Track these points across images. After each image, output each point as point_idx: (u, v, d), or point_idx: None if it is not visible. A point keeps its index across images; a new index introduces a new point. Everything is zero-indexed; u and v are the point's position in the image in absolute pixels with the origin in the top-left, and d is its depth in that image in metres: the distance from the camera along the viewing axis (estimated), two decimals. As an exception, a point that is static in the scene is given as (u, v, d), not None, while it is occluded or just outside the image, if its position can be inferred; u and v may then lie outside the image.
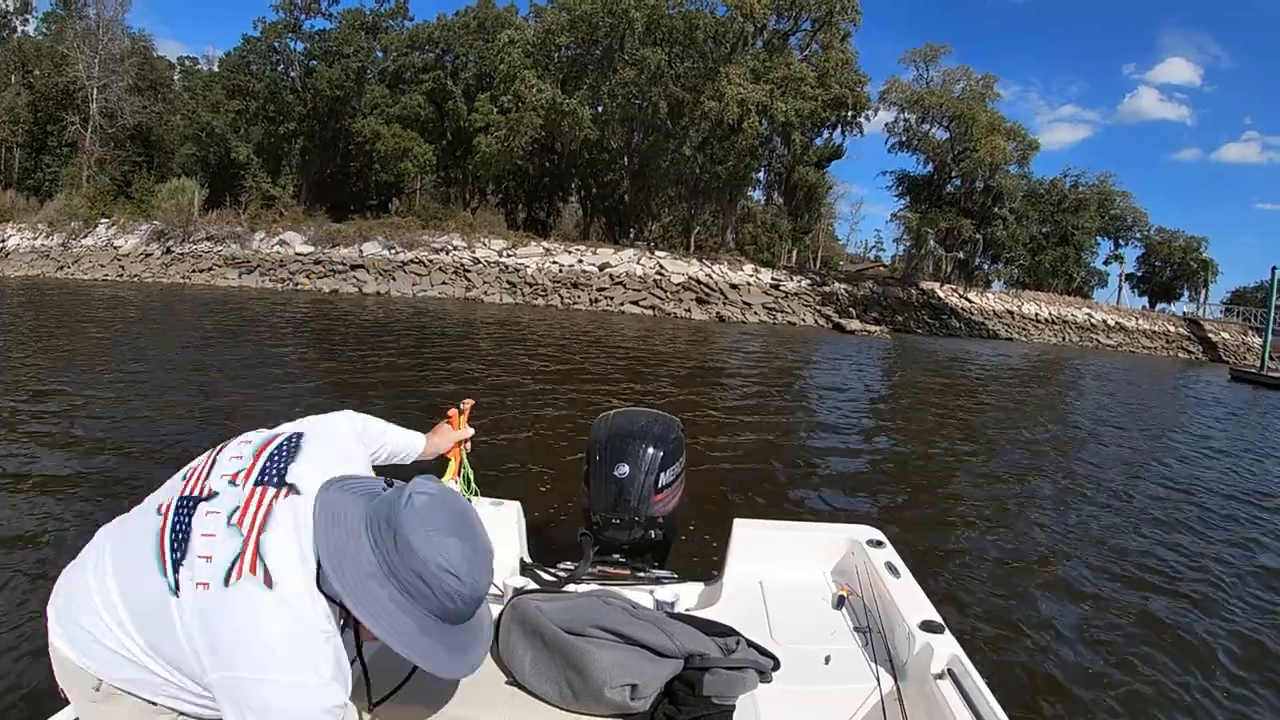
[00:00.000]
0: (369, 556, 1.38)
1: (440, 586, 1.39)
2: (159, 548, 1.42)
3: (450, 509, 1.45)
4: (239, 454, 1.53)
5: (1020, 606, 5.34)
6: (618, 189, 45.82)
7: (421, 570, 1.37)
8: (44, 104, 43.72)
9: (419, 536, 1.37)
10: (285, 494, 1.43)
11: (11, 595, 4.31)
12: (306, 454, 1.52)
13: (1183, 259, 58.51)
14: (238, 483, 1.46)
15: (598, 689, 1.78)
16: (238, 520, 1.39)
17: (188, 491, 1.48)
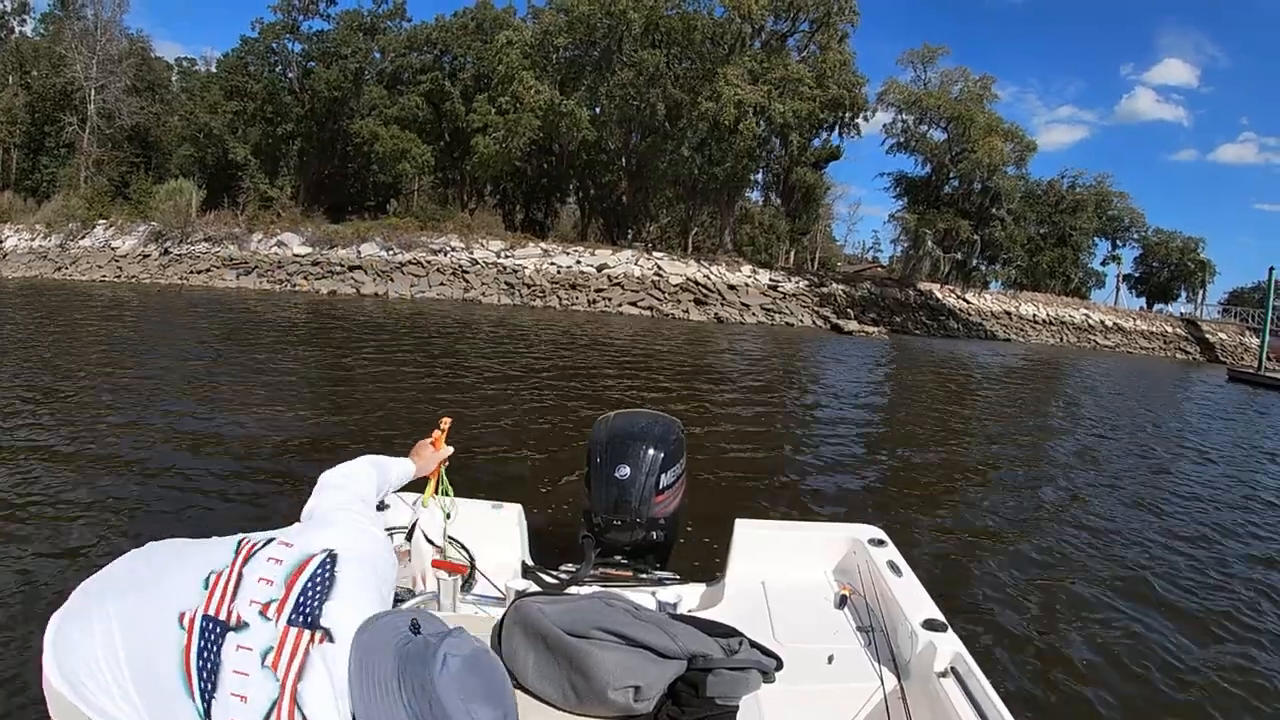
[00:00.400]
0: (403, 717, 1.33)
1: None
2: (184, 670, 1.37)
3: (483, 674, 1.41)
4: (269, 577, 1.45)
5: (1023, 604, 5.35)
6: (616, 190, 45.83)
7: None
8: (41, 105, 43.69)
9: (455, 706, 1.32)
10: (320, 639, 1.38)
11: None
12: (341, 588, 1.46)
13: (1180, 259, 58.56)
14: (269, 616, 1.40)
15: (601, 691, 1.78)
16: (272, 663, 1.35)
17: (213, 611, 1.41)
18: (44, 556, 4.83)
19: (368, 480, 1.98)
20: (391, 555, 1.66)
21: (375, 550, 1.59)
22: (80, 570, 4.57)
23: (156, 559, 1.53)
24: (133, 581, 1.48)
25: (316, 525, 1.63)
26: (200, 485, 6.43)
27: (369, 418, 9.36)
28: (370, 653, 1.37)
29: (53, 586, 4.38)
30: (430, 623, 1.44)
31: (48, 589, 4.36)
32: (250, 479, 6.74)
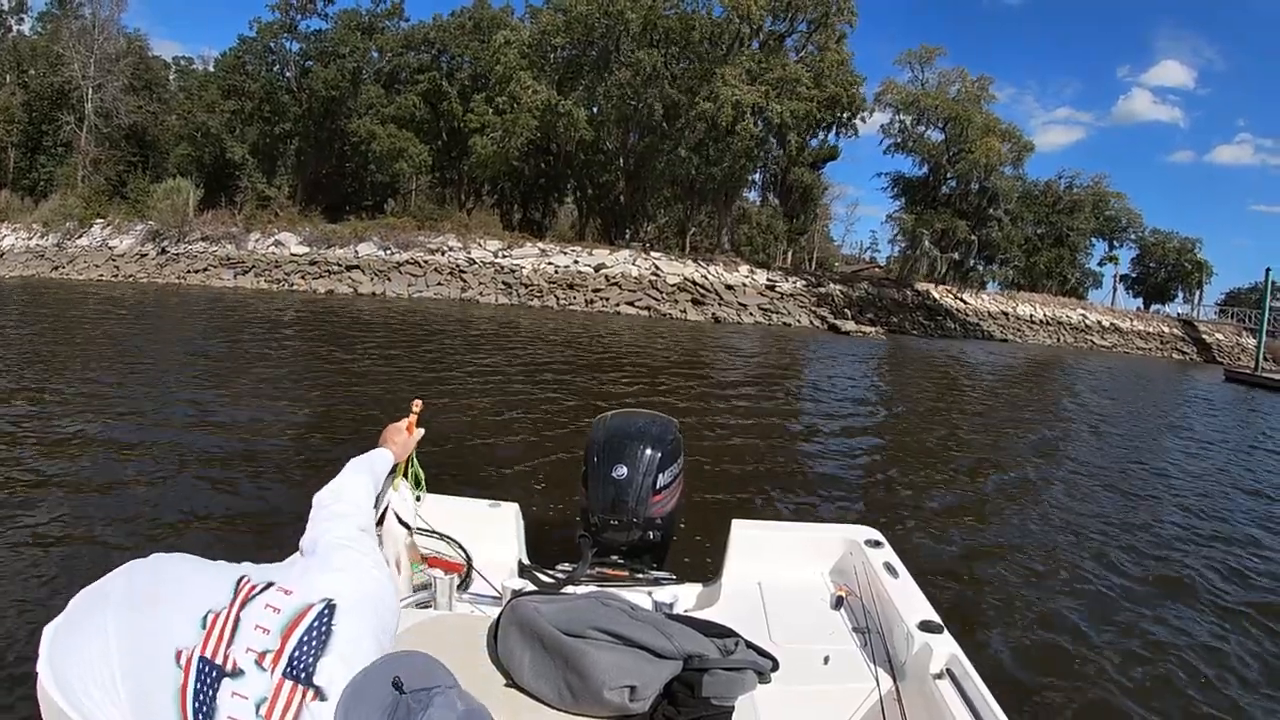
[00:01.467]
0: None
1: None
2: (180, 709, 1.37)
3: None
4: (266, 625, 1.43)
5: (1019, 605, 5.36)
6: (613, 190, 45.80)
7: None
8: (39, 103, 43.63)
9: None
10: (313, 697, 1.36)
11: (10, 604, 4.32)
12: (336, 643, 1.43)
13: (1177, 260, 58.66)
14: (265, 666, 1.39)
15: (597, 690, 1.78)
16: (265, 714, 1.35)
17: (210, 654, 1.39)
18: (41, 551, 4.83)
19: (364, 492, 1.90)
20: (393, 594, 1.61)
21: (377, 593, 1.56)
22: (74, 566, 4.59)
23: (155, 579, 1.51)
24: (130, 600, 1.45)
25: (316, 568, 1.58)
26: (198, 481, 6.44)
27: (362, 414, 9.39)
28: (353, 712, 1.35)
29: (48, 581, 4.39)
30: (416, 675, 1.39)
31: (41, 584, 4.37)
32: (246, 474, 6.74)
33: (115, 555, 4.53)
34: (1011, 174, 46.53)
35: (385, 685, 1.35)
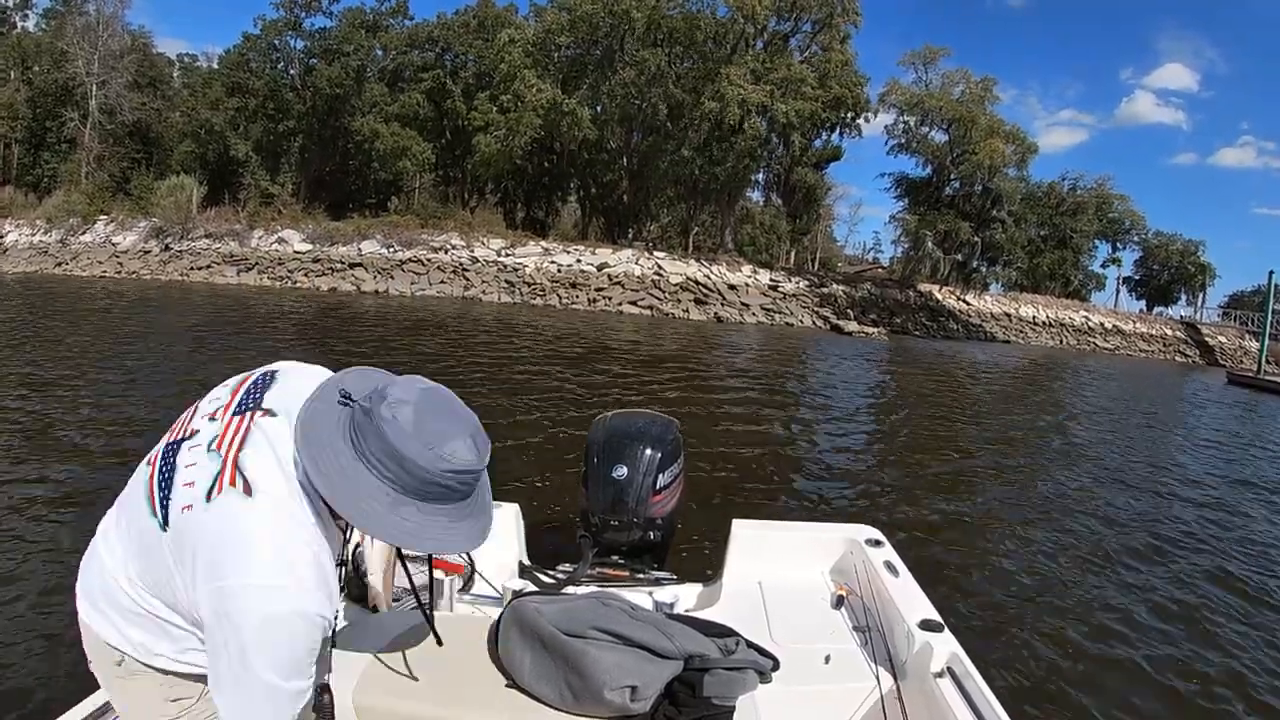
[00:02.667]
0: (375, 481, 1.37)
1: (459, 481, 1.41)
2: (149, 493, 1.43)
3: (436, 408, 1.45)
4: (218, 395, 1.53)
5: (1020, 605, 5.36)
6: (616, 189, 45.80)
7: (439, 478, 1.38)
8: (43, 100, 43.63)
9: (428, 459, 1.37)
10: (263, 415, 1.44)
11: (37, 582, 4.36)
12: (282, 384, 1.52)
13: (1180, 262, 58.57)
14: (217, 417, 1.46)
15: (597, 691, 1.78)
16: (217, 445, 1.40)
17: (172, 439, 1.49)
18: (36, 544, 4.85)
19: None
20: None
21: (319, 375, 1.58)
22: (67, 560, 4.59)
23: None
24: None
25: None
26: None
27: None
28: (315, 410, 1.41)
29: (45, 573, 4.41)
30: (357, 384, 1.46)
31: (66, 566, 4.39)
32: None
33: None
34: (1015, 175, 46.44)
35: (333, 404, 1.41)
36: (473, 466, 1.42)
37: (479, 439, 1.46)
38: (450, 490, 1.40)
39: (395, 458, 1.36)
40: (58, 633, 3.78)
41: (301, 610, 1.32)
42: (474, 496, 1.48)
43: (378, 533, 1.44)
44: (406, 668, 1.84)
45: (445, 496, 1.41)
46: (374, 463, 1.36)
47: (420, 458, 1.36)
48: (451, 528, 1.43)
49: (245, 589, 1.29)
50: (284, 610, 1.31)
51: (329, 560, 1.41)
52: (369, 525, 1.39)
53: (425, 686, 1.80)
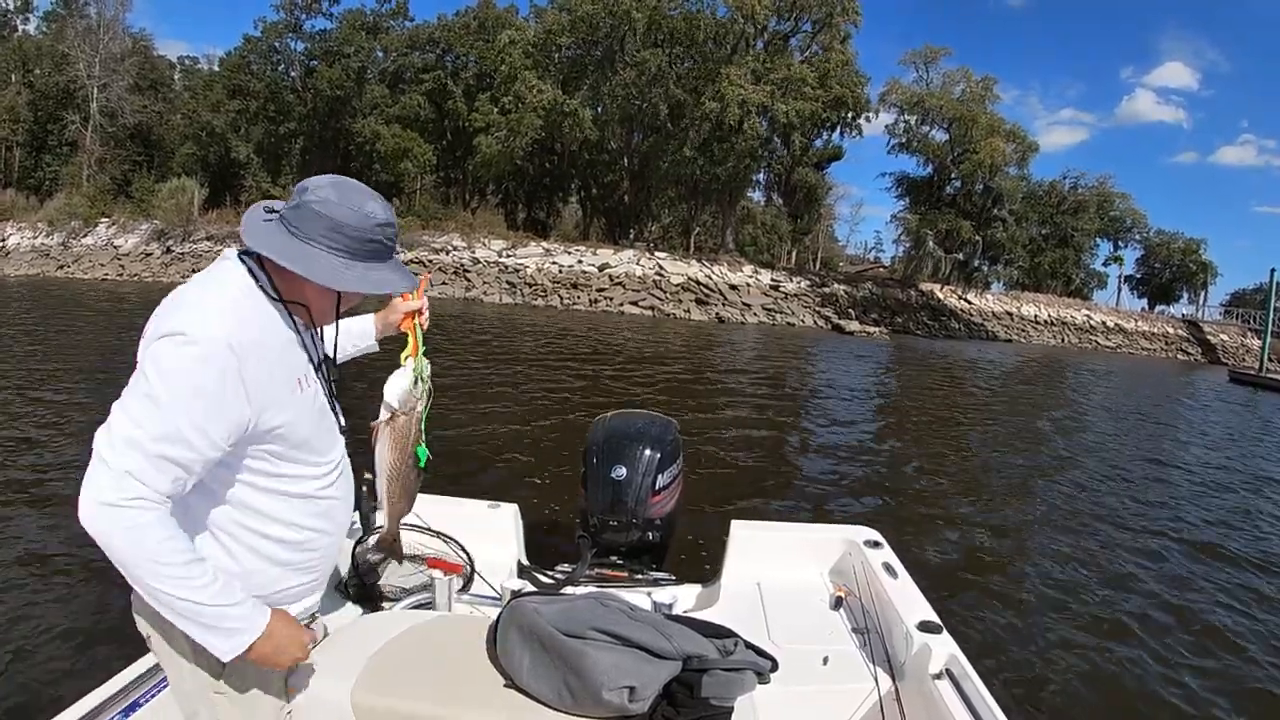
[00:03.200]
0: (332, 260, 1.65)
1: (386, 235, 1.72)
2: None
3: (345, 184, 1.70)
4: None
5: (1019, 606, 5.35)
6: (618, 190, 45.84)
7: (369, 234, 1.68)
8: (44, 103, 43.71)
9: (351, 216, 1.65)
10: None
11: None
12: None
13: (1182, 261, 58.45)
14: None
15: (596, 691, 1.78)
16: None
17: None
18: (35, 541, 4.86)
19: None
20: None
21: None
22: (64, 553, 4.61)
23: None
24: None
25: None
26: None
27: (354, 406, 9.39)
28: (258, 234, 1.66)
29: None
30: (265, 206, 1.75)
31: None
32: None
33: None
34: (1016, 174, 46.38)
35: (261, 221, 1.70)
36: (389, 220, 1.73)
37: (387, 204, 1.76)
38: (381, 245, 1.71)
39: (335, 227, 1.64)
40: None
41: (199, 329, 1.50)
42: (398, 254, 1.80)
43: (351, 285, 1.67)
44: (405, 668, 1.84)
45: (379, 253, 1.71)
46: (320, 241, 1.64)
47: (352, 219, 1.65)
48: (396, 275, 1.77)
49: (163, 337, 1.51)
50: (186, 352, 1.48)
51: (265, 318, 1.64)
52: (346, 284, 1.66)
53: (424, 686, 1.80)
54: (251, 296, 1.62)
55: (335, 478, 1.80)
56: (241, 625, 1.56)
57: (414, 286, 1.91)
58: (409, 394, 2.01)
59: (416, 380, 2.04)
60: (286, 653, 1.64)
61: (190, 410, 1.46)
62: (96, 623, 3.98)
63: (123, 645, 3.42)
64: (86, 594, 4.29)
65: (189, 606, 1.50)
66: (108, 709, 1.87)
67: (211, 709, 1.69)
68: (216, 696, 1.68)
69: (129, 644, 1.89)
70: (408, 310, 2.20)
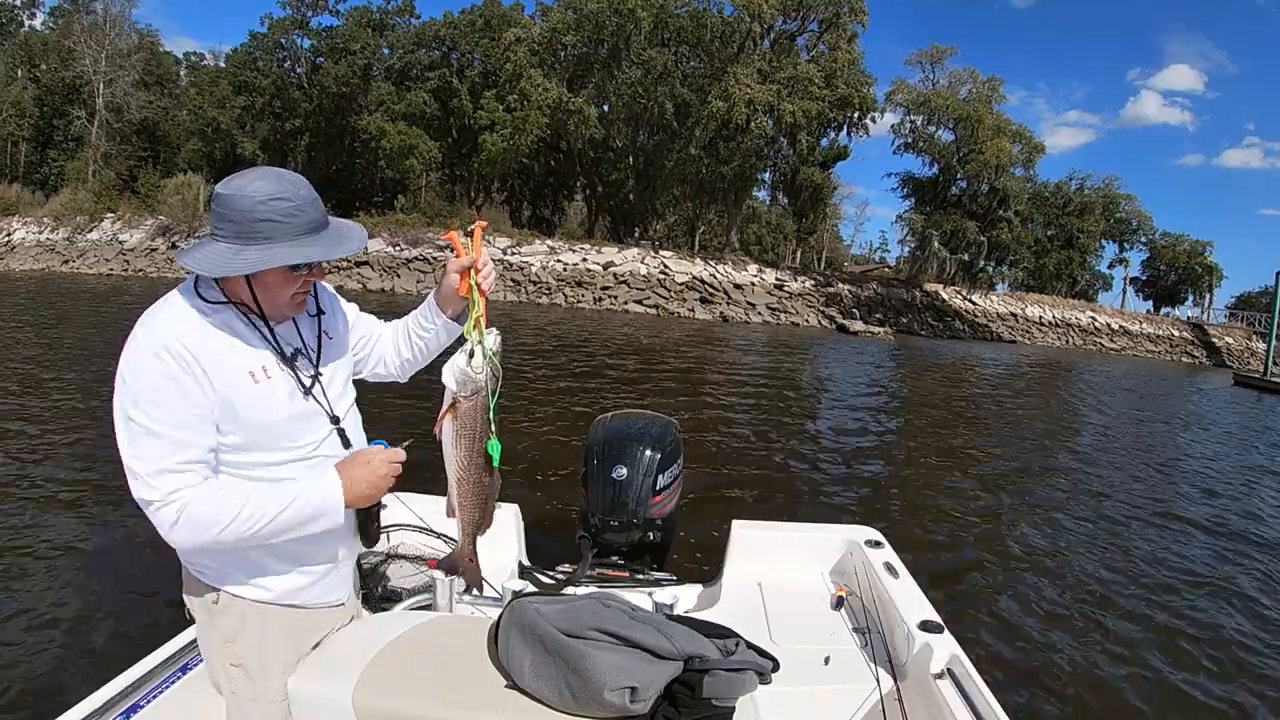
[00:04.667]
0: (220, 246, 1.65)
1: (276, 210, 1.65)
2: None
3: (247, 171, 1.69)
4: None
5: (1020, 606, 5.35)
6: (623, 188, 45.82)
7: (254, 212, 1.63)
8: (50, 98, 43.81)
9: (233, 199, 1.64)
10: None
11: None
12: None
13: (1187, 263, 58.35)
14: None
15: (597, 691, 1.78)
16: None
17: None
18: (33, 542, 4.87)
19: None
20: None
21: None
22: (66, 549, 4.61)
23: None
24: None
25: None
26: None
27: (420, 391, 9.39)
28: (188, 247, 1.71)
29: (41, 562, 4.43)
30: None
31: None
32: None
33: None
34: (1021, 175, 46.38)
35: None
36: (278, 193, 1.65)
37: (288, 178, 1.70)
38: (275, 221, 1.65)
39: (220, 215, 1.65)
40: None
41: (139, 344, 1.61)
42: (322, 232, 1.74)
43: (232, 269, 1.64)
44: (406, 668, 1.84)
45: (275, 231, 1.65)
46: (216, 232, 1.67)
47: (233, 202, 1.63)
48: (290, 249, 1.67)
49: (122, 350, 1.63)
50: (130, 349, 1.62)
51: (190, 321, 1.67)
52: (227, 268, 1.64)
53: (425, 687, 1.80)
54: (184, 306, 1.69)
55: (312, 463, 1.80)
56: (319, 500, 1.72)
57: (322, 257, 1.70)
58: (466, 374, 1.80)
59: (473, 355, 1.81)
60: (376, 485, 1.78)
61: (158, 419, 1.59)
62: (97, 623, 3.99)
63: (123, 646, 3.44)
64: (87, 594, 4.30)
65: (277, 528, 1.68)
66: (109, 710, 1.87)
67: (229, 681, 1.81)
68: (233, 669, 1.80)
69: (129, 645, 1.90)
70: (459, 268, 1.91)
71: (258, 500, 1.65)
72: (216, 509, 1.61)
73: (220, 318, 1.70)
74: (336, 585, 1.94)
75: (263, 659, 1.80)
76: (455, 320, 2.05)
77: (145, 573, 4.50)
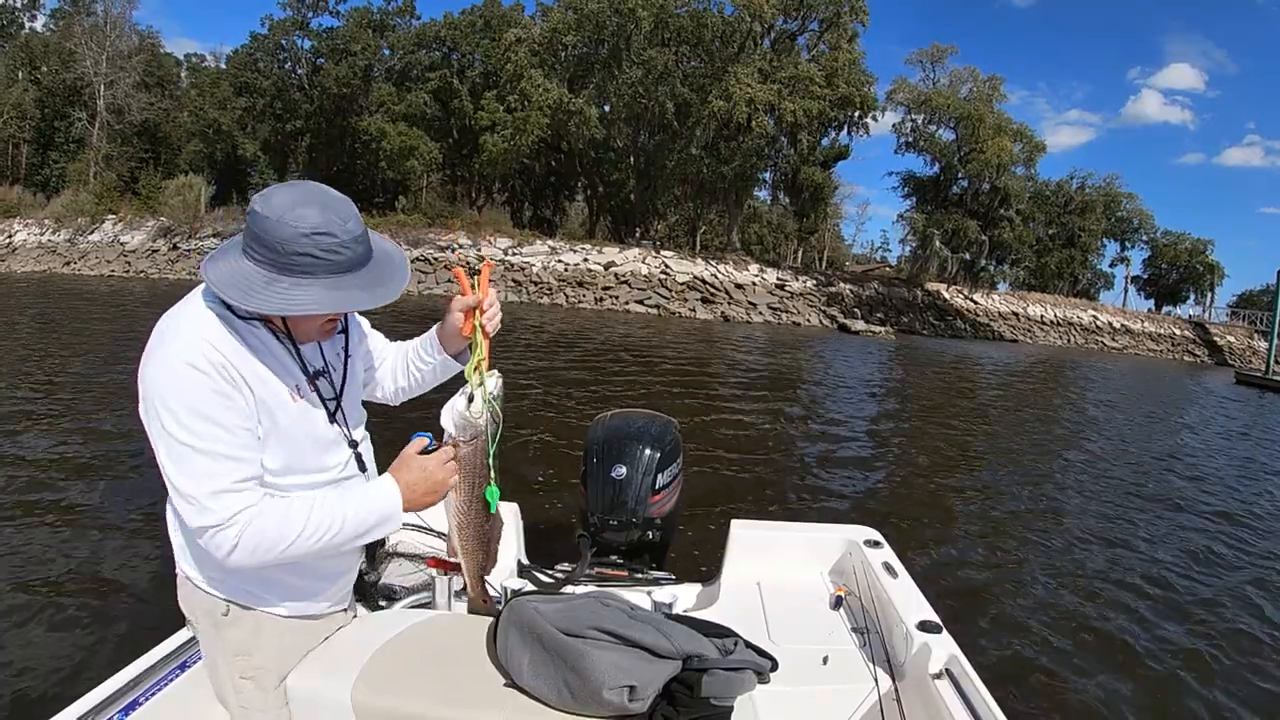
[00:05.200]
0: (249, 268, 1.53)
1: (319, 245, 1.52)
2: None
3: (299, 190, 1.57)
4: None
5: (1019, 606, 5.35)
6: (624, 188, 45.82)
7: (295, 244, 1.50)
8: (51, 100, 43.86)
9: (274, 225, 1.50)
10: None
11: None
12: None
13: (1189, 262, 58.32)
14: None
15: (596, 690, 1.78)
16: None
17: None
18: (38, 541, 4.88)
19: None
20: None
21: None
22: (76, 545, 4.62)
23: None
24: None
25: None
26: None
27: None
28: (215, 256, 1.61)
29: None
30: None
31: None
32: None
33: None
34: (1023, 174, 46.35)
35: (236, 241, 1.62)
36: (321, 229, 1.52)
37: (335, 208, 1.57)
38: (316, 259, 1.53)
39: (257, 236, 1.52)
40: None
41: (172, 356, 1.50)
42: (363, 269, 1.62)
43: (256, 304, 1.52)
44: (405, 667, 1.84)
45: (314, 267, 1.53)
46: (249, 251, 1.54)
47: (273, 228, 1.50)
48: (326, 294, 1.55)
49: (144, 362, 1.53)
50: (162, 362, 1.51)
51: (220, 333, 1.56)
52: (254, 302, 1.52)
53: (424, 685, 1.80)
54: (213, 315, 1.59)
55: (341, 487, 1.78)
56: (382, 507, 1.68)
57: (364, 305, 1.62)
58: (466, 418, 1.77)
59: (472, 399, 1.78)
60: (435, 488, 1.74)
61: (207, 437, 1.50)
62: (97, 622, 3.99)
63: (122, 644, 3.45)
64: (87, 593, 4.30)
65: (342, 539, 1.64)
66: (108, 707, 1.87)
67: (238, 694, 1.76)
68: (243, 682, 1.76)
69: (128, 643, 1.90)
70: (464, 308, 1.90)
71: (321, 513, 1.61)
72: (280, 526, 1.56)
73: (254, 332, 1.62)
74: (345, 590, 1.95)
75: (279, 671, 1.78)
76: (455, 359, 2.04)
77: (145, 570, 4.51)
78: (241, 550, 1.53)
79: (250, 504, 1.53)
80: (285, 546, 1.57)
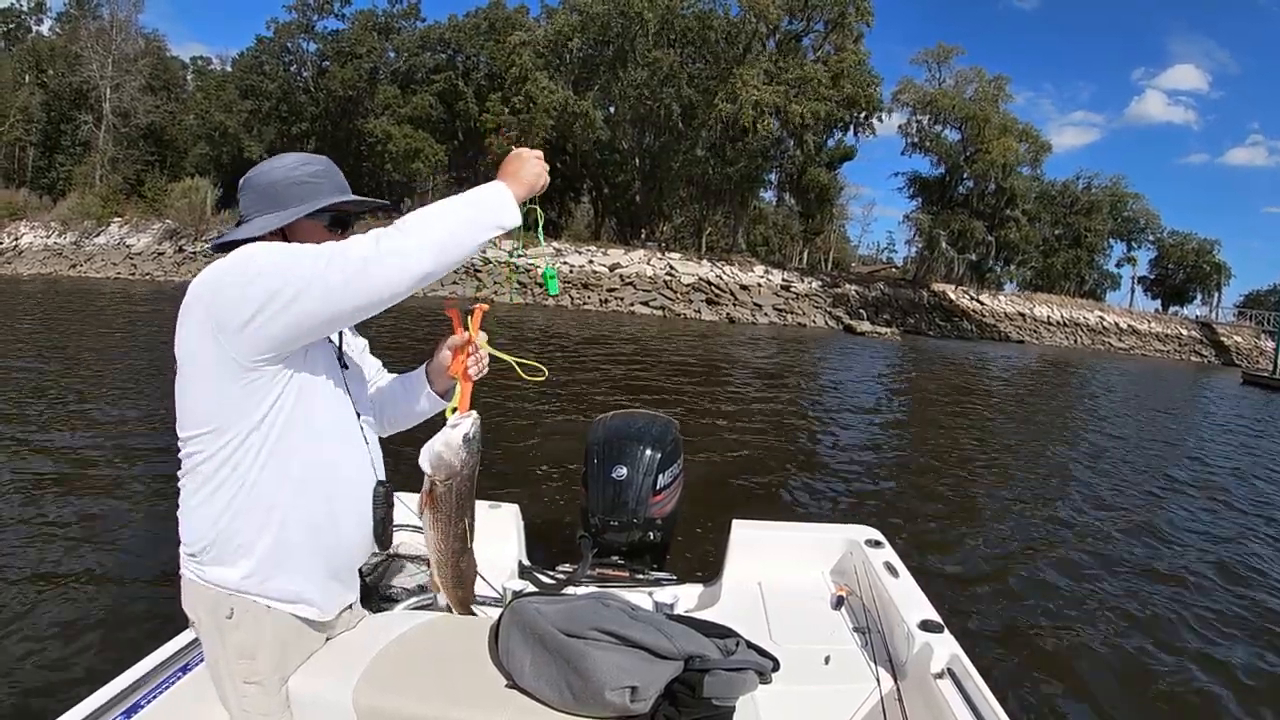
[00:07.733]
0: (257, 221, 1.78)
1: (308, 173, 1.85)
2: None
3: (284, 157, 1.89)
4: None
5: (1021, 606, 5.33)
6: (629, 190, 45.81)
7: (288, 178, 1.82)
8: (57, 103, 44.02)
9: (263, 174, 1.84)
10: None
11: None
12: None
13: (1195, 262, 58.17)
14: None
15: (598, 691, 1.78)
16: None
17: None
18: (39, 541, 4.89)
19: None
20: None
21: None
22: (83, 547, 4.63)
23: None
24: None
25: None
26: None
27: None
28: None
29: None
30: None
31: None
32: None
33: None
34: (1028, 174, 46.30)
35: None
36: (304, 162, 1.86)
37: (306, 156, 1.91)
38: (309, 185, 1.83)
39: (254, 194, 1.82)
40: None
41: (230, 259, 1.61)
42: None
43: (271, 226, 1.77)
44: (407, 668, 1.85)
45: (314, 190, 1.83)
46: (248, 212, 1.81)
47: (264, 174, 1.83)
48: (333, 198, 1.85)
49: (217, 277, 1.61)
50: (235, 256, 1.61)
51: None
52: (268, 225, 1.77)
53: (426, 687, 1.80)
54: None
55: (350, 441, 1.85)
56: (493, 193, 1.77)
57: (358, 205, 1.95)
58: (441, 457, 1.78)
59: (449, 441, 1.79)
60: (539, 172, 1.84)
61: (296, 251, 1.62)
62: (99, 625, 4.00)
63: (124, 647, 3.46)
64: (88, 595, 4.31)
65: (466, 219, 1.73)
66: (110, 710, 1.88)
67: (241, 698, 1.76)
68: (247, 686, 1.75)
69: (130, 644, 1.90)
70: (453, 346, 1.95)
71: (437, 205, 1.74)
72: (403, 222, 1.68)
73: None
74: (350, 588, 1.94)
75: (282, 674, 1.78)
76: (442, 397, 2.07)
77: (147, 573, 4.51)
78: (396, 233, 1.65)
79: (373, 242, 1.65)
80: (421, 222, 1.68)
